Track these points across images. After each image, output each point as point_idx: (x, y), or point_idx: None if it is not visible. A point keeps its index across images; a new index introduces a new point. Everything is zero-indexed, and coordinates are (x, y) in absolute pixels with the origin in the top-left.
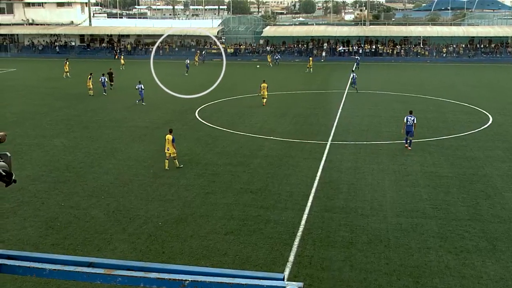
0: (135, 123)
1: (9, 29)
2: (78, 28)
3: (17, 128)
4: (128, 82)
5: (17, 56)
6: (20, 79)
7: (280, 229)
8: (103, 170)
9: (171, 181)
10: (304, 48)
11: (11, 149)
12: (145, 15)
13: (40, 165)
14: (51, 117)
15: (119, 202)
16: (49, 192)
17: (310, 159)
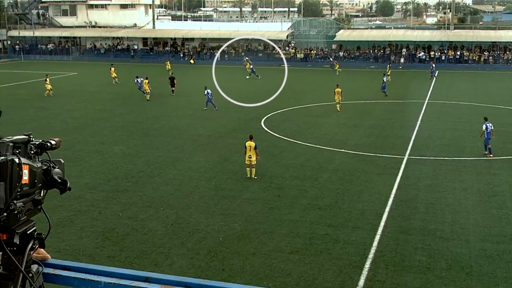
0: (197, 131)
1: (72, 32)
2: (141, 31)
3: (77, 134)
4: (190, 88)
5: (79, 59)
6: (81, 83)
7: (350, 250)
8: (163, 180)
9: (234, 194)
10: (380, 54)
11: (70, 156)
12: (211, 17)
13: (99, 173)
14: (111, 123)
15: (178, 214)
16: (107, 202)
17: (385, 175)
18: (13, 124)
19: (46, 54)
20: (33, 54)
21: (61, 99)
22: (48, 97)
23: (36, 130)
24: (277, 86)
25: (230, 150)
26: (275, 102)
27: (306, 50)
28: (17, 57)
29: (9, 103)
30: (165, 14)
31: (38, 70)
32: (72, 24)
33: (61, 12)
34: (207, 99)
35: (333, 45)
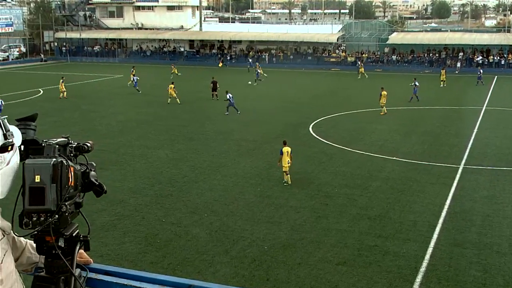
0: (243, 136)
1: (118, 34)
2: (187, 33)
3: (122, 137)
4: (233, 91)
5: (125, 61)
6: (126, 86)
7: (400, 262)
8: (208, 186)
9: (280, 201)
10: (435, 57)
11: (114, 159)
12: (259, 19)
13: (143, 177)
14: (156, 127)
15: (222, 221)
16: (150, 207)
17: (438, 185)
18: (59, 127)
19: (92, 56)
20: (79, 56)
21: (106, 101)
22: (63, 100)
23: (81, 133)
24: (324, 91)
25: (276, 156)
26: (324, 107)
27: (357, 54)
28: (63, 59)
29: (56, 105)
30: (212, 16)
31: (84, 72)
32: (119, 26)
33: (107, 14)
34: (228, 104)
35: (386, 48)
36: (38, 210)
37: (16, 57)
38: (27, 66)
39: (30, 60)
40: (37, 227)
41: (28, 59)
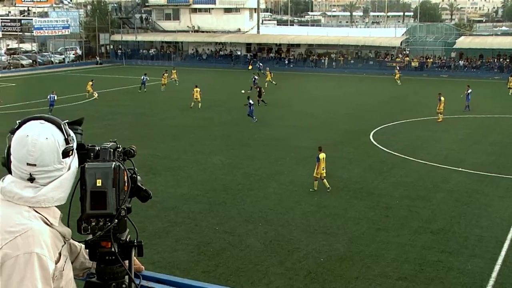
0: (301, 143)
1: (174, 37)
2: (245, 36)
3: (175, 142)
4: (292, 97)
5: (180, 65)
6: (181, 90)
7: (464, 280)
8: (263, 194)
9: (338, 212)
10: (506, 63)
11: (168, 165)
12: (319, 22)
13: (196, 184)
14: (211, 132)
15: (277, 231)
16: (203, 214)
17: (507, 198)
18: (112, 131)
19: (147, 59)
20: (134, 59)
21: (160, 105)
22: (108, 102)
23: (135, 137)
24: (386, 97)
25: (335, 164)
26: (386, 114)
27: (421, 58)
28: (118, 62)
29: (110, 109)
30: (270, 19)
31: (139, 75)
32: (175, 28)
33: (164, 16)
34: (249, 111)
35: (452, 53)
36: (99, 215)
37: (72, 59)
38: (82, 68)
39: (86, 63)
40: (96, 232)
41: (83, 61)
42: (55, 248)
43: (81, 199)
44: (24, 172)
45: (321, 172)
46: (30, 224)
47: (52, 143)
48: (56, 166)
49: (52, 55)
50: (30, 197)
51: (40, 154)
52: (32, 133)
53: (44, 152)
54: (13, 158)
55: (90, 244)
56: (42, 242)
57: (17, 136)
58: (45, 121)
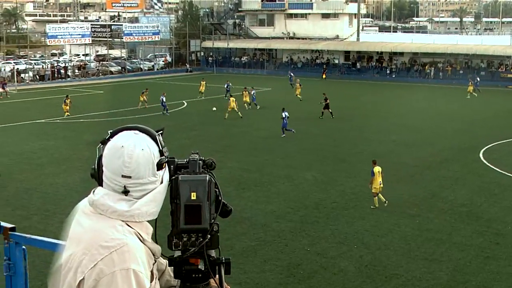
0: (401, 159)
1: (268, 43)
2: (343, 43)
3: (266, 156)
4: (397, 109)
5: (273, 73)
6: (274, 100)
7: None
8: (359, 214)
9: (441, 236)
10: None
11: (258, 179)
12: (425, 28)
13: (287, 201)
14: (303, 146)
15: (374, 255)
16: (294, 233)
17: None
18: (202, 141)
19: (239, 67)
20: (225, 67)
21: (251, 116)
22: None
23: (224, 149)
24: (499, 111)
25: (440, 184)
26: (499, 130)
27: None
28: (209, 70)
29: (200, 119)
30: (371, 25)
31: (241, 84)
32: (269, 35)
33: (257, 22)
34: (283, 124)
35: None
36: (193, 230)
37: (161, 67)
38: (172, 76)
39: (175, 70)
40: (188, 248)
41: (173, 69)
42: (148, 266)
43: (172, 213)
44: (118, 185)
45: (377, 186)
46: (125, 239)
47: (147, 155)
48: (151, 178)
49: (141, 62)
50: (125, 211)
51: (136, 166)
52: (128, 144)
53: (140, 164)
54: (106, 170)
55: (176, 261)
56: (138, 258)
57: (110, 146)
58: (139, 132)
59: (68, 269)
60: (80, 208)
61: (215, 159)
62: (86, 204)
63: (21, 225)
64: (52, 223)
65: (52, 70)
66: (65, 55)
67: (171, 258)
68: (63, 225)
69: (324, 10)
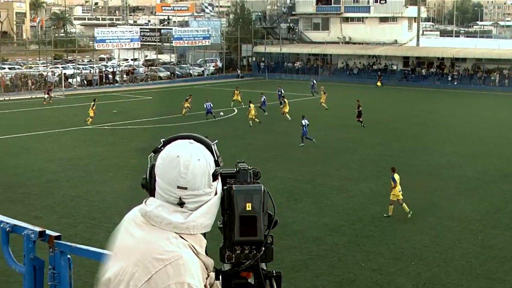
0: (464, 172)
1: (322, 48)
2: (402, 48)
3: (320, 166)
4: (450, 118)
5: (328, 80)
6: (329, 107)
7: None
8: (416, 228)
9: (506, 254)
10: None
11: (310, 190)
12: (489, 33)
13: (341, 213)
14: (360, 156)
15: (433, 272)
16: (348, 248)
17: None
18: (251, 150)
19: (292, 72)
20: (278, 73)
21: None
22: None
23: (276, 159)
24: None
25: (504, 198)
26: None
27: None
28: (261, 76)
29: (249, 128)
30: (432, 29)
31: (294, 91)
32: (323, 39)
33: (312, 26)
34: (302, 132)
35: None
36: (248, 242)
37: (212, 72)
38: (222, 82)
39: (226, 76)
40: (241, 261)
41: (223, 75)
42: (202, 280)
43: (224, 224)
44: (173, 196)
45: (397, 194)
46: (179, 252)
47: (204, 165)
48: (206, 190)
49: (191, 67)
50: (180, 223)
51: (192, 177)
52: (183, 153)
53: (196, 174)
54: (160, 180)
55: (227, 274)
56: (193, 271)
57: (165, 156)
58: (195, 141)
59: (118, 281)
60: (131, 218)
61: (266, 169)
62: (137, 215)
63: (66, 233)
64: (98, 232)
65: (100, 75)
66: (113, 60)
67: (220, 271)
68: (110, 235)
69: (382, 13)
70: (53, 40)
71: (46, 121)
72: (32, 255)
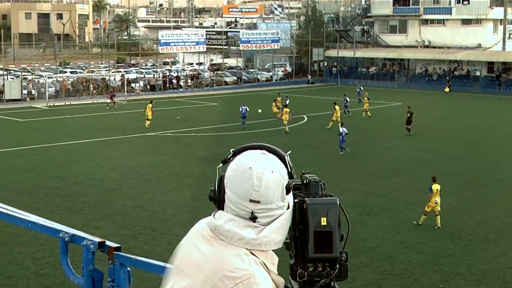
0: None
1: (399, 53)
2: (486, 53)
3: (395, 179)
4: None
5: (405, 86)
6: (398, 115)
7: None
8: (501, 249)
9: None
10: None
11: (385, 205)
12: None
13: (418, 230)
14: (440, 168)
15: None
16: (425, 267)
17: None
18: (321, 161)
19: (366, 78)
20: (351, 78)
21: (379, 134)
22: (327, 129)
23: (349, 170)
24: None
25: None
26: None
27: None
28: (332, 81)
29: (320, 135)
30: None
31: (355, 97)
32: (400, 43)
33: (388, 29)
34: (340, 141)
35: None
36: (323, 259)
37: (280, 77)
38: (291, 88)
39: (295, 82)
40: (316, 279)
41: (293, 80)
42: None
43: (295, 240)
44: (244, 210)
45: (433, 205)
46: (251, 270)
47: (278, 178)
48: (279, 203)
49: (258, 72)
50: (252, 239)
51: (266, 190)
52: (256, 165)
53: (270, 187)
54: (230, 193)
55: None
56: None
57: (235, 167)
58: (267, 152)
59: None
60: (198, 232)
61: (337, 180)
62: (205, 228)
63: (126, 244)
64: (159, 244)
65: (163, 80)
66: (178, 64)
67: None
68: (172, 247)
69: (464, 15)
70: (116, 43)
71: (107, 127)
72: (91, 266)
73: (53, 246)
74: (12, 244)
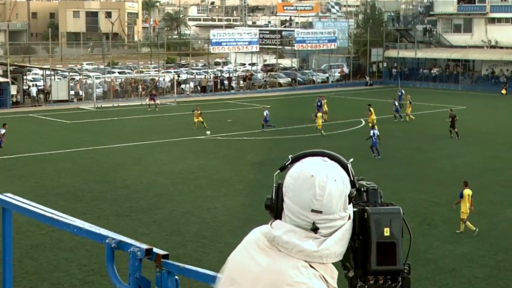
0: None
1: (464, 53)
2: None
3: (457, 187)
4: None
5: (470, 89)
6: (470, 120)
7: None
8: None
9: None
10: None
11: (447, 215)
12: None
13: (482, 242)
14: (507, 177)
15: None
16: (489, 281)
17: None
18: (382, 167)
19: (428, 80)
20: (412, 80)
21: (441, 139)
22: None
23: (409, 177)
24: None
25: None
26: None
27: None
28: (392, 83)
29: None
30: None
31: (417, 101)
32: (465, 43)
33: (452, 28)
34: (372, 143)
35: None
36: (386, 271)
37: (337, 79)
38: (348, 90)
39: (353, 84)
40: None
41: (350, 82)
42: None
43: (355, 251)
44: (305, 220)
45: (464, 211)
46: (311, 284)
47: (341, 187)
48: (341, 214)
49: (314, 73)
50: (313, 251)
51: (328, 199)
52: (318, 173)
53: (333, 197)
54: (290, 202)
55: None
56: None
57: (296, 175)
58: (329, 159)
59: None
60: (253, 241)
61: (396, 188)
62: (261, 238)
63: (174, 252)
64: (208, 252)
65: (214, 81)
66: (230, 64)
67: None
68: (222, 256)
69: None
70: (166, 43)
71: (156, 130)
72: (138, 274)
73: (99, 252)
74: (57, 250)
